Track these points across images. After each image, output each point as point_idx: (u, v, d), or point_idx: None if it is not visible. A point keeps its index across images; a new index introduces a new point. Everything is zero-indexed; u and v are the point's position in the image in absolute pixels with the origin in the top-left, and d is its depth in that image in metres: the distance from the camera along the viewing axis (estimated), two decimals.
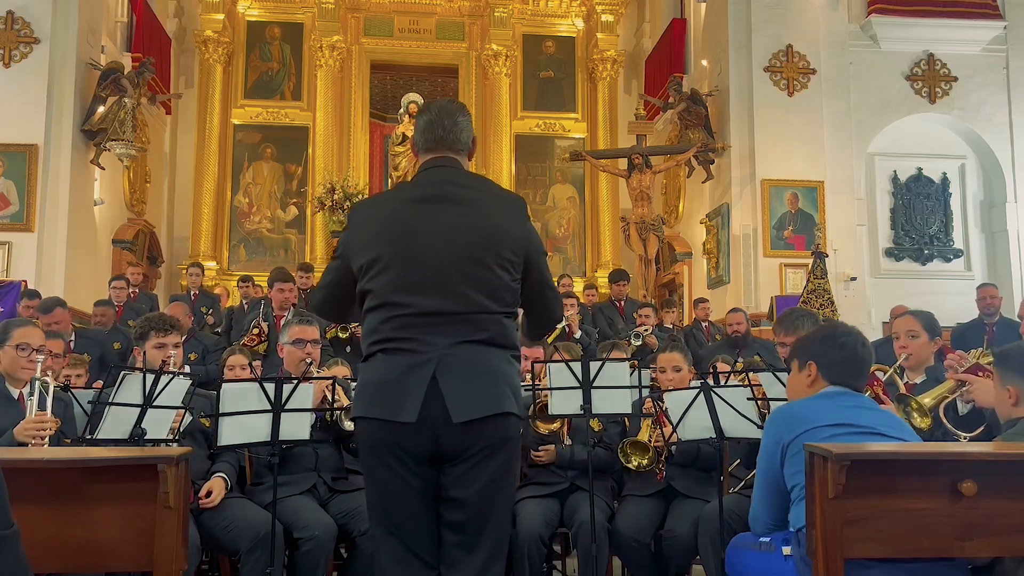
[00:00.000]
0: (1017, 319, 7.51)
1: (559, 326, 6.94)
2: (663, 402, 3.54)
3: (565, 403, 3.42)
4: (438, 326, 2.15)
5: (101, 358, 5.90)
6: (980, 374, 2.99)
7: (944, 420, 2.95)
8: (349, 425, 3.55)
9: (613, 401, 3.40)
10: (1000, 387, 2.54)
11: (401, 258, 2.19)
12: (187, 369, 5.12)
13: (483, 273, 2.17)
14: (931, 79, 9.94)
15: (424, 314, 2.15)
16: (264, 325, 5.99)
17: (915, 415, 2.91)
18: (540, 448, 3.75)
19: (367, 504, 2.29)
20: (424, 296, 2.15)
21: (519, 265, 2.22)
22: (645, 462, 3.58)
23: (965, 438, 2.86)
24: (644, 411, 3.70)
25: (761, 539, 2.42)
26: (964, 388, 2.96)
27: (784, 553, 2.28)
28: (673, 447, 3.58)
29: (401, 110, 11.78)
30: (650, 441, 3.60)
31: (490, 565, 2.15)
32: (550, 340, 6.46)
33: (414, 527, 2.17)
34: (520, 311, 2.32)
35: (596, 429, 3.83)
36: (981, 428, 2.88)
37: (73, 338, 5.91)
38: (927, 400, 2.96)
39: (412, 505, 2.16)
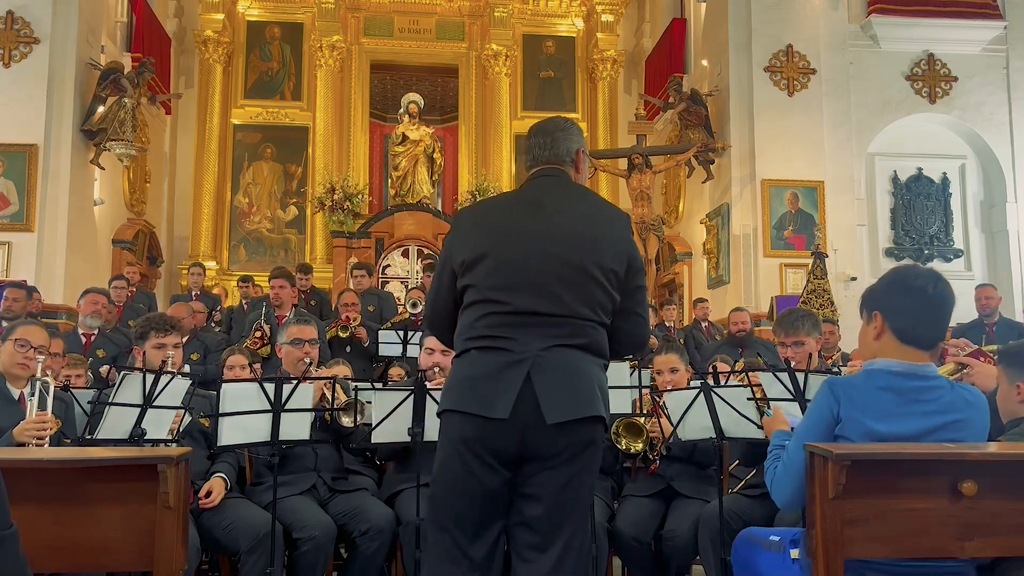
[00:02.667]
0: (1017, 319, 7.51)
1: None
2: (660, 398, 3.54)
3: None
4: (534, 327, 2.15)
5: (115, 359, 5.92)
6: (981, 359, 2.98)
7: None
8: (347, 422, 3.55)
9: (613, 401, 3.39)
10: (1008, 384, 2.51)
11: (502, 257, 2.20)
12: (187, 369, 5.13)
13: (583, 280, 2.18)
14: (931, 79, 9.94)
15: (521, 313, 2.16)
16: (267, 327, 5.97)
17: None
18: None
19: (429, 497, 2.25)
20: (522, 295, 2.16)
21: (620, 276, 2.22)
22: (639, 446, 3.57)
23: None
24: (642, 405, 3.70)
25: (771, 536, 2.39)
26: (964, 371, 2.95)
27: (792, 556, 2.26)
28: (670, 442, 3.58)
29: (401, 110, 11.79)
30: (645, 426, 3.60)
31: (563, 564, 2.13)
32: None
33: (473, 527, 2.15)
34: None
35: None
36: None
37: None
38: None
39: (480, 505, 2.15)
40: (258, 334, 5.94)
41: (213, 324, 7.67)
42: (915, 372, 2.15)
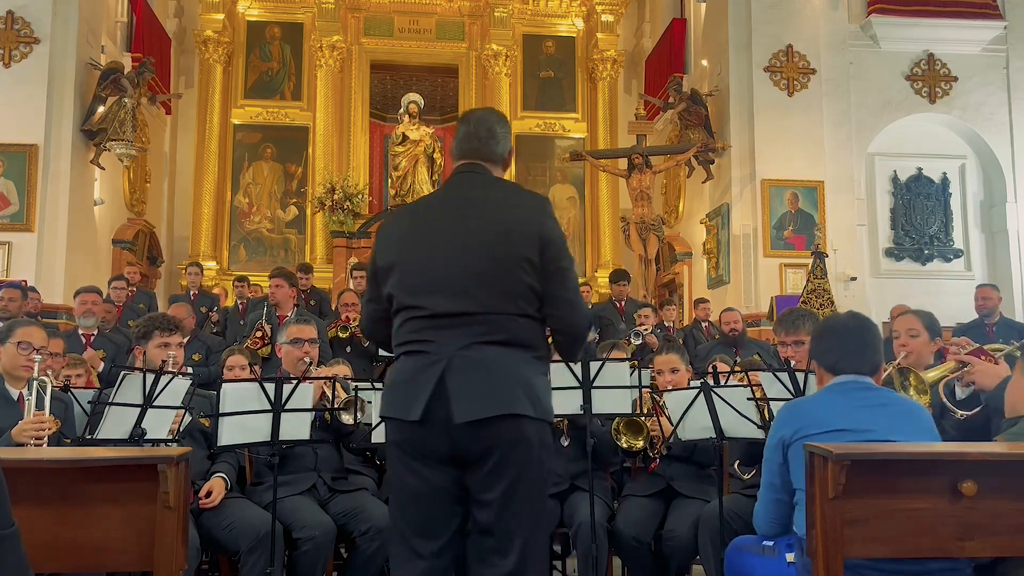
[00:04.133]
0: (1017, 319, 7.50)
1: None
2: (660, 398, 3.55)
3: (565, 403, 3.42)
4: (452, 327, 2.14)
5: (115, 359, 5.92)
6: (983, 357, 2.98)
7: (943, 397, 2.96)
8: (348, 419, 3.55)
9: (613, 401, 3.40)
10: None
11: (418, 261, 2.21)
12: (189, 369, 5.13)
13: (498, 273, 2.15)
14: (931, 79, 9.94)
15: (438, 315, 2.16)
16: (267, 327, 5.96)
17: (912, 391, 2.90)
18: None
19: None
20: (439, 297, 2.16)
21: (535, 262, 2.17)
22: (639, 444, 3.58)
23: (962, 416, 2.87)
24: (642, 405, 3.70)
25: (764, 543, 2.41)
26: (965, 369, 2.95)
27: (788, 560, 2.27)
28: (670, 441, 3.58)
29: (401, 110, 11.79)
30: (645, 424, 3.60)
31: (520, 569, 2.12)
32: (550, 340, 6.45)
33: (422, 526, 2.17)
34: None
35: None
36: (979, 408, 2.88)
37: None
38: (930, 375, 2.96)
39: (425, 505, 2.16)
40: (259, 334, 5.92)
41: (211, 324, 7.66)
42: (850, 380, 2.35)
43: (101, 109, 9.44)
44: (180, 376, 3.18)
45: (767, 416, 3.12)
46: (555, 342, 2.30)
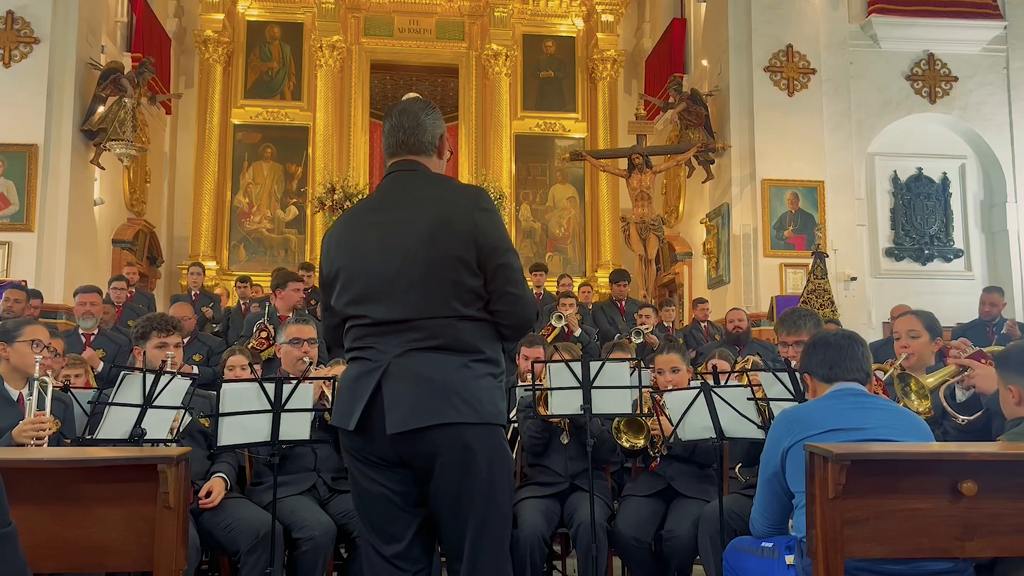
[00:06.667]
0: (1018, 319, 7.49)
1: (557, 325, 6.94)
2: (660, 397, 3.55)
3: (565, 403, 3.42)
4: (390, 335, 2.13)
5: (115, 358, 5.93)
6: (983, 361, 2.99)
7: (943, 401, 2.96)
8: None
9: (613, 401, 3.40)
10: (1003, 387, 2.55)
11: (356, 271, 2.19)
12: (195, 370, 5.13)
13: (432, 277, 2.11)
14: (931, 79, 9.93)
15: (378, 324, 2.15)
16: (271, 328, 5.95)
17: (913, 396, 2.91)
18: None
19: None
20: (376, 306, 2.15)
21: (470, 262, 2.11)
22: (640, 442, 3.59)
23: (963, 420, 2.88)
24: (642, 405, 3.70)
25: (763, 544, 2.42)
26: (965, 373, 2.95)
27: (787, 562, 2.28)
28: (671, 441, 3.58)
29: None
30: (646, 423, 3.60)
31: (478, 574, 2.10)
32: (550, 340, 6.46)
33: (381, 527, 2.17)
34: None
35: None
36: (980, 413, 2.88)
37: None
38: (930, 380, 2.96)
39: (382, 506, 2.16)
40: (263, 335, 5.91)
41: (212, 324, 7.65)
42: (847, 387, 2.43)
43: (101, 109, 9.44)
44: (181, 376, 3.18)
45: (767, 416, 3.12)
46: (500, 330, 2.21)
